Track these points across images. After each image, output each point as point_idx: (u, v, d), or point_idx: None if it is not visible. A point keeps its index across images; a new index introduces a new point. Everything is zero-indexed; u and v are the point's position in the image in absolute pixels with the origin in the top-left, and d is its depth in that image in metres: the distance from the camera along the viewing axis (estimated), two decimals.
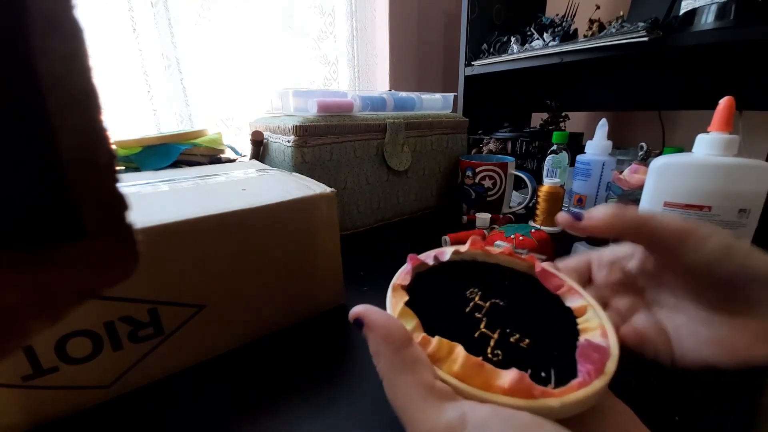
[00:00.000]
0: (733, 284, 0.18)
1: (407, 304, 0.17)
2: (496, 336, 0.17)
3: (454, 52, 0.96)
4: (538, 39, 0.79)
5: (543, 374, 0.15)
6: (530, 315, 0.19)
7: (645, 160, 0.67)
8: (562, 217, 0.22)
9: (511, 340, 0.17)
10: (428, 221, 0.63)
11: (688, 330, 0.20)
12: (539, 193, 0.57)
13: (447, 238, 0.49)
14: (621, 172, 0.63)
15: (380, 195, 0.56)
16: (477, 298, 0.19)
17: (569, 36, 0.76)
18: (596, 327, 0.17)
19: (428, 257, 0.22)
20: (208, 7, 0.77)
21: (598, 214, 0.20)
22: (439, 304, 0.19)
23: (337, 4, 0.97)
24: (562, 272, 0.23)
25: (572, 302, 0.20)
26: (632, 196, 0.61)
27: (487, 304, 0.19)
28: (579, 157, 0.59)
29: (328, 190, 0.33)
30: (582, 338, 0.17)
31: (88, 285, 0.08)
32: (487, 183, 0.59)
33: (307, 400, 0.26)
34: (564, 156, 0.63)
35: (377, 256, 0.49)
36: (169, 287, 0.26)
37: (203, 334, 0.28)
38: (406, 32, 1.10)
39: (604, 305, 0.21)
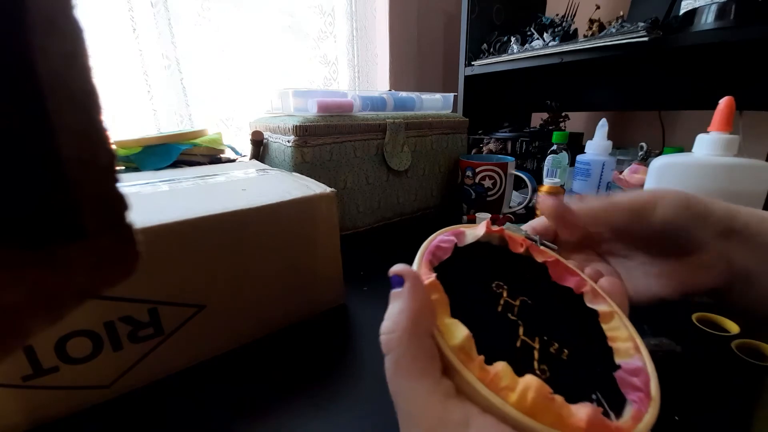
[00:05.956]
0: (681, 235, 0.20)
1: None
2: (537, 346, 0.15)
3: (454, 52, 0.96)
4: (538, 39, 0.79)
5: (593, 397, 0.14)
6: (558, 318, 0.17)
7: (645, 160, 0.67)
8: (545, 202, 0.22)
9: (551, 350, 0.15)
10: (428, 221, 0.63)
11: (639, 270, 0.22)
12: (539, 193, 0.57)
13: None
14: (621, 172, 0.63)
15: (380, 195, 0.56)
16: (505, 294, 0.17)
17: (569, 36, 0.76)
18: (627, 338, 0.16)
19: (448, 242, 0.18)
20: (208, 7, 0.77)
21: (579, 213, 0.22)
22: (467, 299, 0.16)
23: (337, 4, 0.97)
24: (568, 260, 0.22)
25: (596, 305, 0.18)
26: None
27: (518, 302, 0.17)
28: (579, 157, 0.59)
29: (328, 190, 0.33)
30: (614, 350, 0.16)
31: (88, 285, 0.08)
32: (487, 183, 0.59)
33: (307, 400, 0.26)
34: (564, 156, 0.63)
35: (377, 256, 0.49)
36: (169, 287, 0.26)
37: (203, 334, 0.28)
38: (406, 32, 1.10)
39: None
